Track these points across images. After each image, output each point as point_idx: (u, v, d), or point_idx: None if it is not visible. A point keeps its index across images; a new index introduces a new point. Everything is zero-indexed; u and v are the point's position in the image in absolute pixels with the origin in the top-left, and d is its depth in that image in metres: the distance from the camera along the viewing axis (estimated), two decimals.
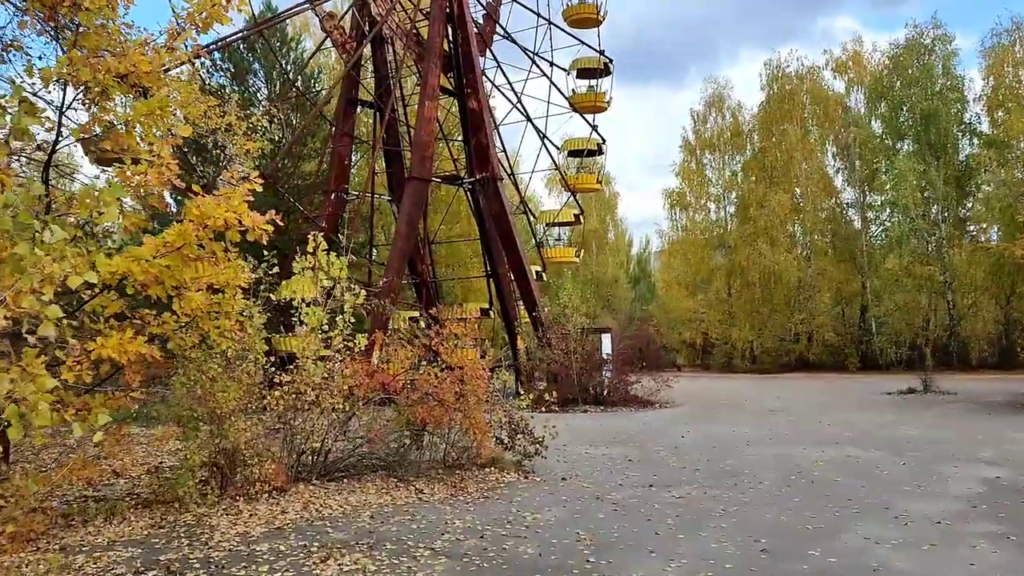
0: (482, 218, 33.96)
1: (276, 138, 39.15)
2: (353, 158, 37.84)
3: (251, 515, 10.26)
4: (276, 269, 12.42)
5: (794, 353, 57.37)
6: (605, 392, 28.84)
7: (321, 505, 10.85)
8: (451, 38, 32.80)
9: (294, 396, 11.29)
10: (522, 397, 14.49)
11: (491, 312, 35.93)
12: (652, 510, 10.44)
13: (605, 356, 30.74)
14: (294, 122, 39.20)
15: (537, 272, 37.86)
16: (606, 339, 31.88)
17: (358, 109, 34.75)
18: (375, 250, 37.81)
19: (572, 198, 41.76)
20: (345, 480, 12.29)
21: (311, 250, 12.32)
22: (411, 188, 30.56)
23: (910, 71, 53.14)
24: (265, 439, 11.81)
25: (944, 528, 9.24)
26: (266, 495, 11.13)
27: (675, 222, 68.16)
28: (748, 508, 10.49)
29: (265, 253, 12.19)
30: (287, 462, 11.82)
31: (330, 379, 11.69)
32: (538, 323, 30.90)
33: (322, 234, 12.61)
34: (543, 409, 27.44)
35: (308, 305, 12.09)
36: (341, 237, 30.92)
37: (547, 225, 40.89)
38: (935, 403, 27.56)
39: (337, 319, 12.33)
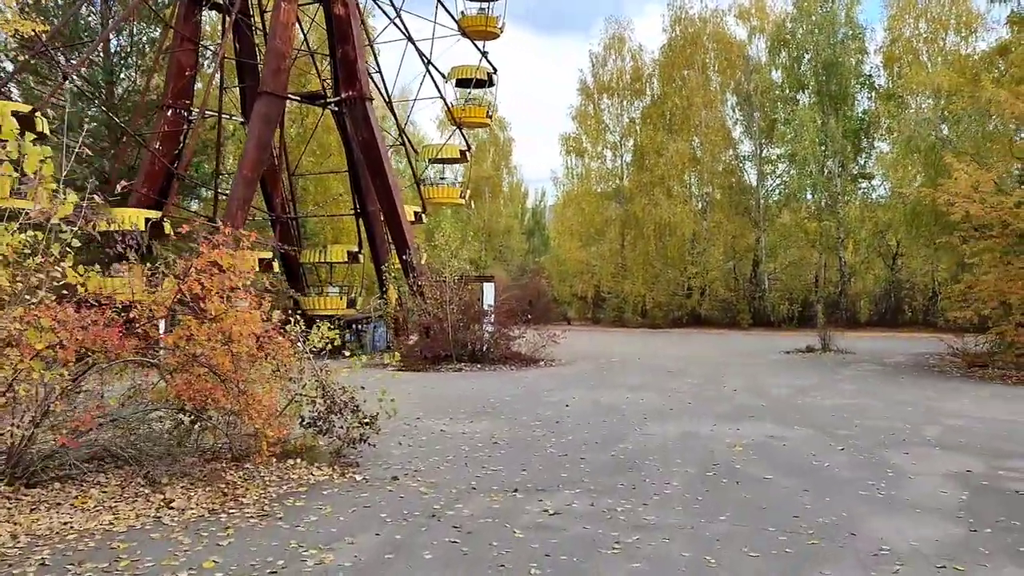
0: (351, 147, 29.53)
1: (116, 47, 33.40)
2: (208, 74, 32.42)
3: None
4: None
5: (686, 308, 55.58)
6: (484, 348, 25.27)
7: None
8: None
9: None
10: (353, 357, 10.60)
11: (360, 255, 31.68)
12: (511, 542, 6.80)
13: (486, 308, 27.16)
14: (134, 30, 33.47)
15: (416, 213, 33.75)
16: (488, 289, 28.22)
17: (204, 11, 29.33)
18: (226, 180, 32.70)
19: (458, 132, 37.57)
20: (62, 484, 8.14)
21: None
22: (262, 104, 25.79)
23: (813, 17, 51.17)
24: None
25: None
26: None
27: (571, 170, 65.09)
28: (656, 535, 6.99)
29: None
30: None
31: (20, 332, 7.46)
32: (409, 268, 26.90)
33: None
34: (406, 368, 23.79)
35: None
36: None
37: (429, 161, 36.63)
38: (840, 364, 25.30)
39: (28, 237, 8.03)
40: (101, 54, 33.02)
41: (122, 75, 32.81)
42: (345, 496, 8.33)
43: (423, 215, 33.69)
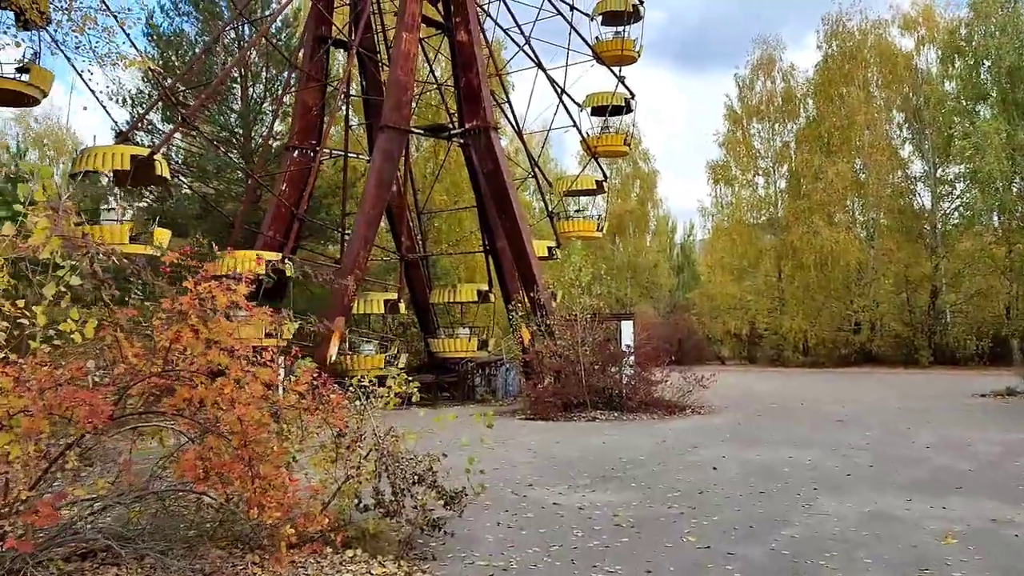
0: (478, 180, 28.04)
1: (252, 95, 33.79)
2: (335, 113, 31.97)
3: None
4: None
5: (854, 345, 50.45)
6: (622, 394, 22.65)
7: None
8: None
9: None
10: (428, 407, 8.51)
11: (491, 295, 29.97)
12: None
13: (624, 348, 24.63)
14: (269, 73, 33.70)
15: (550, 248, 31.84)
16: (626, 327, 25.69)
17: (331, 50, 28.86)
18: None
19: (593, 162, 35.48)
20: None
21: None
22: (383, 139, 24.74)
23: (993, 20, 45.76)
24: None
25: None
26: None
27: (719, 199, 61.52)
28: None
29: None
30: None
31: None
32: (537, 306, 24.80)
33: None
34: (536, 416, 21.62)
35: None
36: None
37: (564, 193, 34.68)
38: None
39: None
40: (240, 102, 33.46)
41: (257, 121, 32.94)
42: None
43: (556, 250, 31.66)
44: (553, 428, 19.60)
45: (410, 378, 8.39)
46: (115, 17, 15.17)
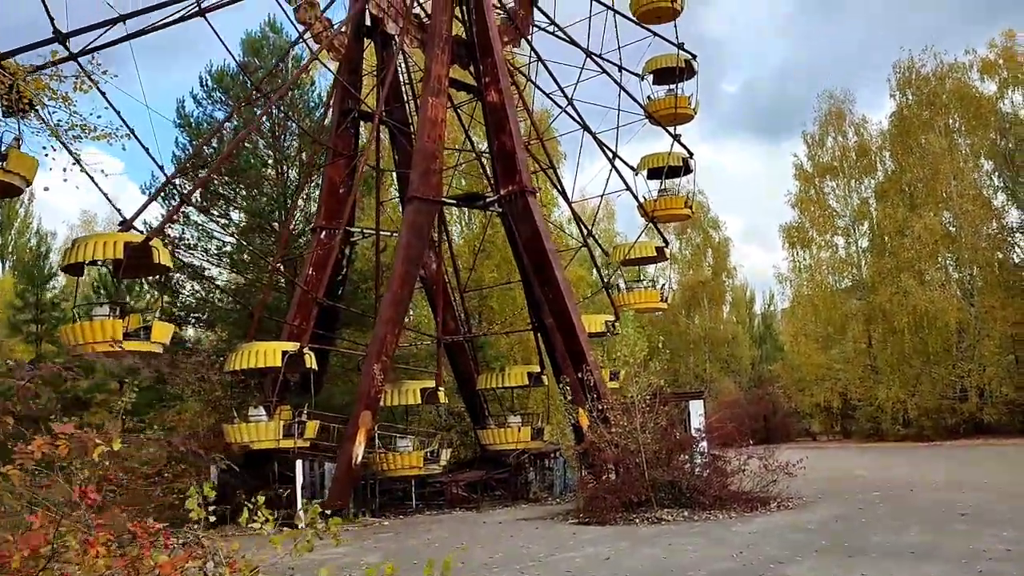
0: (519, 251, 25.57)
1: (287, 179, 32.45)
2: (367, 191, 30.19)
3: None
4: None
5: (962, 414, 45.46)
6: (691, 487, 19.20)
7: None
8: (464, 18, 25.10)
9: None
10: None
11: (543, 377, 27.11)
12: None
13: (694, 433, 21.34)
14: (304, 157, 32.31)
15: (608, 323, 28.92)
16: (695, 408, 22.45)
17: (360, 123, 27.21)
18: None
19: (653, 227, 32.72)
20: None
21: None
22: (411, 211, 22.60)
23: None
24: None
25: None
26: None
27: (797, 263, 57.67)
28: None
29: None
30: None
31: None
32: (587, 388, 21.75)
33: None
34: (592, 519, 18.49)
35: None
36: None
37: (622, 262, 31.83)
38: None
39: None
40: (274, 187, 32.15)
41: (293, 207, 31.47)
42: None
43: (615, 324, 28.69)
44: (608, 535, 16.38)
45: (327, 511, 5.65)
46: (89, 77, 13.38)
